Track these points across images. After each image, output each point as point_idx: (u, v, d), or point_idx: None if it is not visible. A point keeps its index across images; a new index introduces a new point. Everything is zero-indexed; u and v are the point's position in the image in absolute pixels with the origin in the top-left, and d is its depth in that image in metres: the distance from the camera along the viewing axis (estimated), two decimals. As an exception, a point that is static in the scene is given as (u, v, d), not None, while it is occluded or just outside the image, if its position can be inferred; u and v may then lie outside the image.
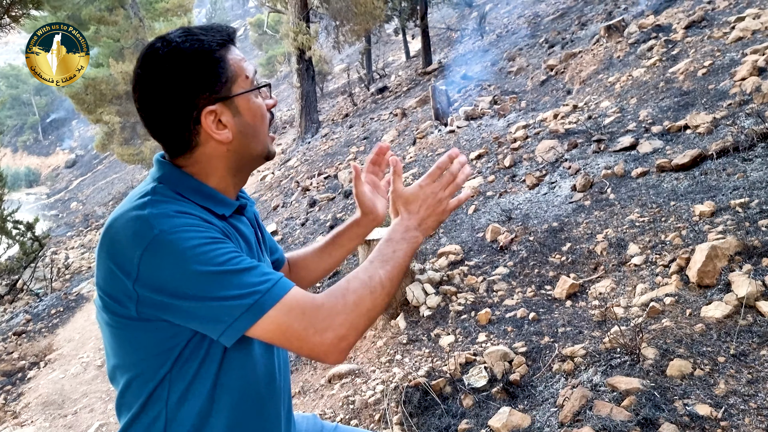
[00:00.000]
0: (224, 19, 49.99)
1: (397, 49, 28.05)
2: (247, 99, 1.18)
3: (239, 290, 1.02)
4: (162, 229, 1.01)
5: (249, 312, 1.02)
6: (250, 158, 1.23)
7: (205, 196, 1.16)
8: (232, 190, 1.24)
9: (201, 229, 1.05)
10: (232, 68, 1.15)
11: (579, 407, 2.53)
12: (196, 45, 1.12)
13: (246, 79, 1.18)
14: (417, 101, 12.85)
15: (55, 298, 9.75)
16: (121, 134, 21.94)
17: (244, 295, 1.02)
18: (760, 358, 2.51)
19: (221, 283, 1.02)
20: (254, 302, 1.02)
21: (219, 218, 1.16)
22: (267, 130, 1.23)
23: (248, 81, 1.18)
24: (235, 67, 1.16)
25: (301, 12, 15.30)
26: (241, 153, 1.20)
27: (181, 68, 1.11)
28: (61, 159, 48.78)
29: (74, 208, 29.08)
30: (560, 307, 3.74)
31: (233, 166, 1.21)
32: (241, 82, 1.17)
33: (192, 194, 1.15)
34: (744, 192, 3.88)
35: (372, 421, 3.16)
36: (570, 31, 12.78)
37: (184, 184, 1.16)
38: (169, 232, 1.01)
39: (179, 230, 1.02)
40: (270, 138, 1.25)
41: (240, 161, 1.21)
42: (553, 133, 6.79)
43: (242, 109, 1.17)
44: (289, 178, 12.00)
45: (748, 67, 5.64)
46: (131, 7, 20.25)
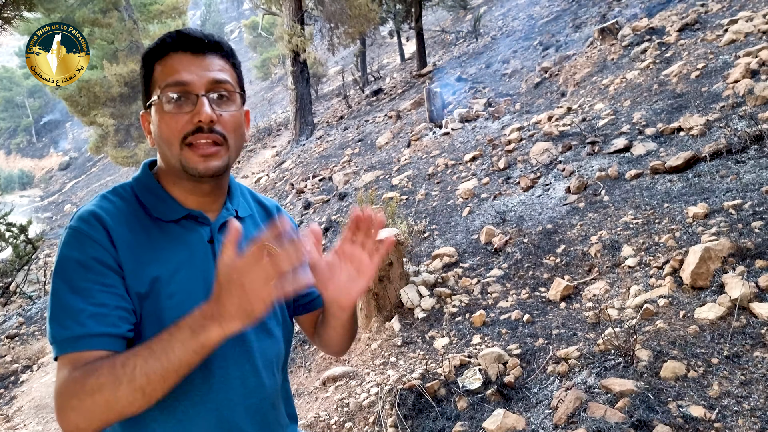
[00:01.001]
0: (219, 21, 49.95)
1: (392, 52, 28.07)
2: (157, 110, 1.17)
3: (58, 318, 1.07)
4: (69, 226, 1.12)
5: (53, 348, 1.08)
6: (172, 167, 1.20)
7: (154, 197, 1.22)
8: (191, 201, 1.24)
9: (91, 245, 1.10)
10: (155, 76, 1.18)
11: (573, 409, 2.53)
12: (147, 49, 1.21)
13: (159, 90, 1.15)
14: (412, 103, 12.86)
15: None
16: (115, 137, 21.89)
17: (53, 326, 1.07)
18: (753, 359, 2.52)
19: (56, 296, 1.08)
20: (52, 338, 1.07)
21: (152, 219, 1.19)
22: (178, 144, 1.14)
23: (160, 92, 1.15)
24: (158, 76, 1.17)
25: (296, 14, 15.30)
26: (165, 158, 1.20)
27: (139, 71, 1.25)
28: (54, 161, 48.61)
29: (68, 211, 28.96)
30: (554, 309, 3.75)
31: (172, 174, 1.22)
32: (155, 92, 1.17)
33: (143, 193, 1.22)
34: (737, 194, 3.90)
35: (366, 424, 3.15)
36: (564, 33, 12.82)
37: (142, 183, 1.24)
38: (71, 229, 1.11)
39: (77, 232, 1.10)
40: (190, 154, 1.15)
41: (169, 167, 1.21)
42: (548, 136, 6.80)
43: (154, 118, 1.19)
44: (283, 180, 11.99)
45: (741, 70, 5.67)
46: (125, 10, 20.22)
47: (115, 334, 1.08)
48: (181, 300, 1.15)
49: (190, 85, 1.14)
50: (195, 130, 1.14)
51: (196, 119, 1.13)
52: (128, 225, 1.15)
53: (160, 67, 1.17)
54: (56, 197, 36.57)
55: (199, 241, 1.22)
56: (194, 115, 1.13)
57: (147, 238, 1.16)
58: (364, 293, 0.81)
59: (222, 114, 1.17)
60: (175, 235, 1.20)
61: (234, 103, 1.20)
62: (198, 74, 1.15)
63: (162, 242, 1.18)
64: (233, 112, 1.19)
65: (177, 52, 1.16)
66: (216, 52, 1.20)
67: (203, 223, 1.24)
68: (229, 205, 1.31)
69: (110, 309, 1.08)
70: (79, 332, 1.05)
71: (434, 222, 6.04)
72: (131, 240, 1.14)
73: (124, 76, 19.83)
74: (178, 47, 1.16)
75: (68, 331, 1.05)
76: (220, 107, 1.17)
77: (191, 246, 1.21)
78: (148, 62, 1.19)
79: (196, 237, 1.22)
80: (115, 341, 1.08)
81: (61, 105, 35.11)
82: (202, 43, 1.18)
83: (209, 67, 1.17)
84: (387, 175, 8.53)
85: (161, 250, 1.17)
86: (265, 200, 1.47)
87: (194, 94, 1.14)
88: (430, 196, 6.84)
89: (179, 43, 1.16)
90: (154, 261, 1.15)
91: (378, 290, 4.21)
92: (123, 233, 1.13)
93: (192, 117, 1.14)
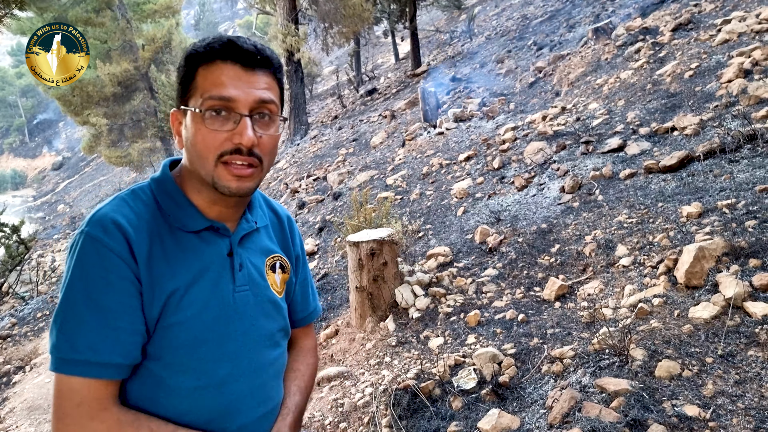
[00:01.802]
0: (212, 20, 49.83)
1: (386, 51, 28.07)
2: (194, 119, 1.12)
3: (68, 331, 1.04)
4: (86, 231, 1.07)
5: (53, 359, 1.06)
6: (201, 178, 1.16)
7: (174, 204, 1.17)
8: (213, 210, 1.20)
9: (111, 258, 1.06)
10: (198, 81, 1.12)
11: (568, 409, 2.53)
12: (189, 50, 1.15)
13: (200, 98, 1.11)
14: (406, 103, 12.86)
15: (41, 301, 9.64)
16: (108, 136, 21.82)
17: (60, 339, 1.04)
18: (747, 358, 2.52)
19: (71, 305, 1.04)
20: (56, 350, 1.05)
21: (171, 227, 1.16)
22: (213, 160, 1.11)
23: (202, 102, 1.10)
24: (201, 83, 1.12)
25: (290, 14, 15.27)
26: (194, 165, 1.16)
27: (178, 68, 1.18)
28: (47, 161, 48.39)
29: (61, 211, 28.84)
30: (549, 309, 3.74)
31: (197, 181, 1.18)
32: (195, 99, 1.12)
33: (164, 198, 1.17)
34: (731, 193, 3.91)
35: (361, 424, 3.14)
36: (558, 33, 12.84)
37: (163, 187, 1.18)
38: (88, 236, 1.06)
39: (96, 241, 1.05)
40: (224, 172, 1.12)
41: (198, 176, 1.17)
42: (542, 135, 6.81)
43: (188, 124, 1.14)
44: (278, 180, 11.96)
45: (734, 70, 5.69)
46: (118, 9, 20.15)
47: (127, 364, 1.07)
48: (195, 313, 1.13)
49: (236, 103, 1.10)
50: (233, 151, 1.10)
51: (237, 140, 1.10)
52: (148, 234, 1.11)
53: (205, 72, 1.11)
54: (49, 197, 36.40)
55: (217, 254, 1.20)
56: (235, 135, 1.10)
57: (164, 250, 1.13)
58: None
59: (262, 136, 1.13)
60: (192, 246, 1.17)
61: (274, 124, 1.16)
62: (245, 91, 1.10)
63: (179, 254, 1.14)
64: (272, 134, 1.16)
65: (226, 62, 1.11)
66: (265, 68, 1.15)
67: (224, 235, 1.22)
68: (249, 217, 1.28)
69: (127, 334, 1.06)
70: (92, 359, 1.03)
71: (429, 222, 6.04)
72: (150, 252, 1.10)
73: (117, 75, 19.79)
74: (227, 56, 1.11)
75: (79, 354, 1.03)
76: (261, 128, 1.13)
77: (209, 259, 1.18)
78: (192, 63, 1.13)
79: (215, 250, 1.20)
80: (124, 370, 1.08)
81: (54, 104, 34.99)
82: (254, 57, 1.12)
83: (257, 85, 1.12)
84: (381, 174, 8.52)
85: (178, 261, 1.14)
86: (278, 208, 1.45)
87: (238, 113, 1.10)
88: (424, 195, 6.84)
89: (229, 52, 1.11)
90: (170, 274, 1.12)
91: (372, 290, 4.20)
92: (142, 245, 1.10)
93: (232, 137, 1.10)
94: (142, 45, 20.98)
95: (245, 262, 1.24)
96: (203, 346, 1.14)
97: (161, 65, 21.97)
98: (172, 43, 22.12)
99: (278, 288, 1.32)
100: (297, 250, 1.44)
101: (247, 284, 1.23)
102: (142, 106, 21.78)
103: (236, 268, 1.21)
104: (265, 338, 1.26)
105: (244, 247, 1.26)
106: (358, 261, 4.16)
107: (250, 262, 1.26)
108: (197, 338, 1.13)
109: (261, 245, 1.31)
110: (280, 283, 1.34)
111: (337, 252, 6.32)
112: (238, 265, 1.22)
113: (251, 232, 1.29)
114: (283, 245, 1.39)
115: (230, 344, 1.18)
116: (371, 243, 4.12)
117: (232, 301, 1.19)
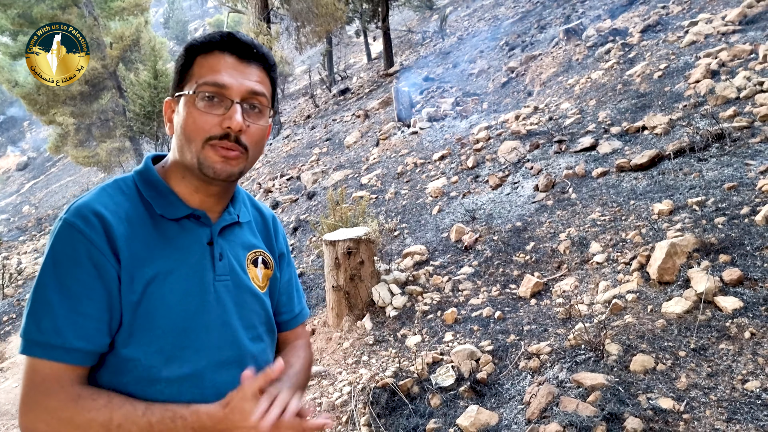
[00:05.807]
0: (182, 19, 49.13)
1: (359, 51, 28.03)
2: (187, 103, 1.16)
3: (36, 314, 1.06)
4: (65, 218, 1.09)
5: (22, 341, 1.07)
6: (187, 163, 1.18)
7: (156, 192, 1.20)
8: (195, 199, 1.22)
9: (86, 245, 1.07)
10: (194, 69, 1.17)
11: (546, 404, 2.56)
12: (189, 42, 1.20)
13: (195, 84, 1.15)
14: (379, 103, 12.86)
15: (7, 304, 9.41)
16: (75, 136, 21.36)
17: (29, 321, 1.06)
18: (719, 351, 2.58)
19: (41, 289, 1.06)
20: (24, 333, 1.06)
21: (152, 216, 1.18)
22: (200, 142, 1.14)
23: (196, 86, 1.15)
24: (197, 70, 1.17)
25: (262, 12, 15.16)
26: (181, 152, 1.18)
27: (176, 59, 1.23)
28: (12, 161, 47.16)
29: (26, 212, 28.14)
30: (525, 306, 3.78)
31: (181, 167, 1.21)
32: (190, 85, 1.17)
33: (146, 187, 1.20)
34: (700, 191, 3.99)
35: (339, 423, 3.13)
36: (530, 34, 12.98)
37: (145, 177, 1.21)
38: (65, 222, 1.08)
39: (73, 228, 1.08)
40: (211, 153, 1.15)
41: (183, 162, 1.19)
42: (515, 134, 6.87)
43: (181, 110, 1.18)
44: (250, 179, 11.86)
45: (702, 70, 5.81)
46: (86, 6, 19.72)
47: (89, 350, 1.08)
48: (176, 301, 1.15)
49: (228, 89, 1.15)
50: (221, 136, 1.14)
51: (226, 124, 1.14)
52: (128, 221, 1.14)
53: (202, 61, 1.17)
54: (14, 198, 35.49)
55: (196, 242, 1.21)
56: (224, 120, 1.14)
57: (144, 237, 1.15)
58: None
59: (250, 125, 1.17)
60: (172, 234, 1.19)
61: (263, 117, 1.21)
62: (238, 80, 1.16)
63: (159, 241, 1.16)
64: (261, 125, 1.20)
65: (223, 53, 1.17)
66: (260, 63, 1.21)
67: (204, 224, 1.23)
68: (231, 209, 1.30)
69: (92, 320, 1.07)
70: (54, 341, 1.04)
71: (404, 220, 6.05)
72: (129, 239, 1.12)
73: (84, 74, 19.37)
74: (225, 48, 1.17)
75: (43, 336, 1.05)
76: (250, 118, 1.18)
77: (188, 247, 1.20)
78: (191, 54, 1.19)
79: (194, 238, 1.21)
80: (88, 357, 1.08)
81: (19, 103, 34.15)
82: (250, 50, 1.19)
83: (250, 76, 1.18)
84: (356, 174, 8.51)
85: (158, 247, 1.16)
86: (263, 208, 1.47)
87: (229, 99, 1.15)
88: (399, 194, 6.85)
89: (228, 44, 1.17)
90: (149, 261, 1.13)
91: (349, 289, 4.19)
92: (121, 232, 1.11)
93: (222, 121, 1.14)
94: (110, 43, 20.57)
95: (225, 252, 1.25)
96: (184, 334, 1.15)
97: (130, 64, 21.57)
98: (141, 41, 21.73)
99: (260, 283, 1.33)
100: (281, 248, 1.44)
101: (228, 274, 1.24)
102: (110, 105, 21.36)
103: (216, 257, 1.23)
104: (247, 330, 1.27)
105: (225, 238, 1.27)
106: (334, 260, 4.15)
107: (231, 253, 1.27)
108: (178, 326, 1.14)
109: (243, 239, 1.32)
110: (263, 278, 1.34)
111: (313, 251, 6.29)
112: (218, 254, 1.23)
113: (233, 225, 1.29)
114: (266, 242, 1.40)
115: (212, 333, 1.19)
116: (348, 242, 4.11)
117: (213, 290, 1.20)
